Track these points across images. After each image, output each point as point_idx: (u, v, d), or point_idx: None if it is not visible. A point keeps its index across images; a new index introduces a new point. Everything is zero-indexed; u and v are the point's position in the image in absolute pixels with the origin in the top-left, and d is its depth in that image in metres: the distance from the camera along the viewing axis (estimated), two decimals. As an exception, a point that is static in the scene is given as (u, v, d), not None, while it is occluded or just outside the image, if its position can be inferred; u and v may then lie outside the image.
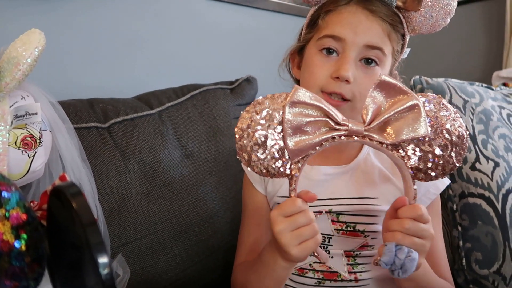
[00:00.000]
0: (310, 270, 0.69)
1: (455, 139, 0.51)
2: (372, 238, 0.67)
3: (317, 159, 0.72)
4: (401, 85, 0.51)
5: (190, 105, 0.98)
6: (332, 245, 0.68)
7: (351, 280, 0.67)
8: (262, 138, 0.50)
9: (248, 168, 0.52)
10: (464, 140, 0.51)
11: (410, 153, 0.51)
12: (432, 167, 0.51)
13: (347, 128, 0.51)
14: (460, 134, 0.51)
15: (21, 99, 0.56)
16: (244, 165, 0.52)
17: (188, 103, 0.98)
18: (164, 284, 0.81)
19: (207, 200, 0.90)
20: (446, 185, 0.70)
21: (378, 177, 0.69)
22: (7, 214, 0.35)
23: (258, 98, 0.52)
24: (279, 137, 0.51)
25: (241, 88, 1.09)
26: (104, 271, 0.31)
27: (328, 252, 0.68)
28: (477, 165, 0.91)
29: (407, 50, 0.72)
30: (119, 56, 1.08)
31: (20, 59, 0.52)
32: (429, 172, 0.52)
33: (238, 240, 0.78)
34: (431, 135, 0.50)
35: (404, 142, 0.51)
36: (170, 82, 1.05)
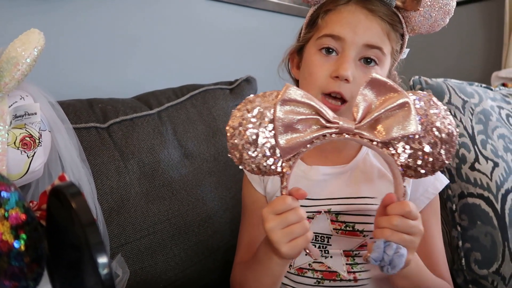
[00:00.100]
0: (309, 270, 0.69)
1: (445, 137, 0.51)
2: (371, 238, 0.67)
3: (316, 159, 0.72)
4: (391, 82, 0.51)
5: (190, 105, 0.98)
6: (331, 244, 0.68)
7: (350, 280, 0.67)
8: (254, 136, 0.50)
9: (240, 166, 0.52)
10: (454, 138, 0.51)
11: (400, 150, 0.51)
12: (422, 164, 0.51)
13: (338, 126, 0.51)
14: (449, 132, 0.51)
15: (20, 99, 0.56)
16: (236, 163, 0.52)
17: (188, 103, 0.98)
18: (163, 284, 0.81)
19: (206, 200, 0.90)
20: (445, 184, 0.70)
21: (377, 176, 0.69)
22: (6, 214, 0.35)
23: (249, 96, 0.52)
24: (270, 135, 0.50)
25: (240, 88, 1.09)
26: (104, 271, 0.31)
27: (327, 252, 0.68)
28: (476, 165, 0.91)
29: (406, 51, 0.72)
30: (119, 56, 1.08)
31: (19, 59, 0.52)
32: (418, 169, 0.52)
33: (238, 240, 0.78)
34: (421, 132, 0.50)
35: (394, 139, 0.51)
36: (170, 82, 1.05)
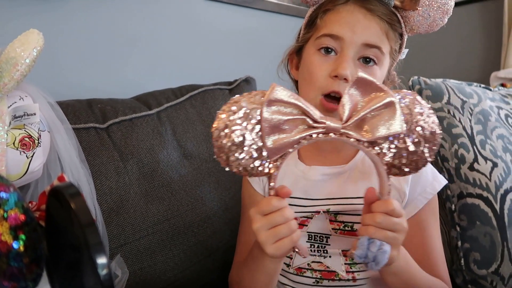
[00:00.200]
0: (308, 269, 0.69)
1: (428, 135, 0.51)
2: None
3: (315, 159, 0.72)
4: (377, 82, 0.51)
5: (189, 105, 0.98)
6: (330, 244, 0.68)
7: (348, 280, 0.67)
8: (240, 138, 0.50)
9: (226, 168, 0.52)
10: (437, 136, 0.52)
11: (385, 149, 0.52)
12: (406, 163, 0.52)
13: (325, 125, 0.51)
14: (433, 131, 0.52)
15: (19, 99, 0.56)
16: (222, 165, 0.51)
17: (187, 104, 0.98)
18: (162, 284, 0.81)
19: (206, 201, 0.90)
20: (443, 185, 0.70)
21: (376, 176, 0.69)
22: (5, 215, 0.35)
23: (234, 97, 0.51)
24: (257, 136, 0.50)
25: (239, 89, 1.09)
26: (103, 272, 0.31)
27: (326, 252, 0.68)
28: (475, 165, 0.91)
29: (405, 51, 0.72)
30: (118, 57, 1.08)
31: (19, 59, 0.52)
32: (402, 167, 0.52)
33: (237, 240, 0.79)
34: (405, 131, 0.51)
35: (380, 139, 0.51)
36: (169, 83, 1.05)
